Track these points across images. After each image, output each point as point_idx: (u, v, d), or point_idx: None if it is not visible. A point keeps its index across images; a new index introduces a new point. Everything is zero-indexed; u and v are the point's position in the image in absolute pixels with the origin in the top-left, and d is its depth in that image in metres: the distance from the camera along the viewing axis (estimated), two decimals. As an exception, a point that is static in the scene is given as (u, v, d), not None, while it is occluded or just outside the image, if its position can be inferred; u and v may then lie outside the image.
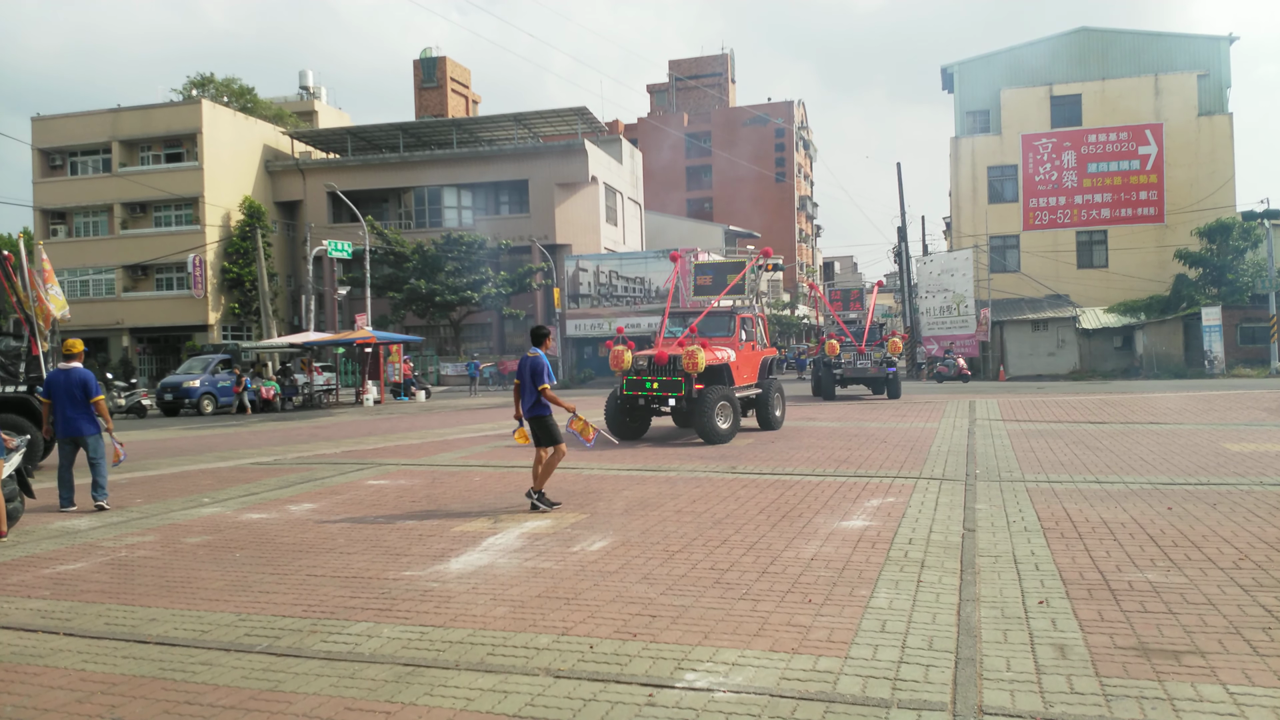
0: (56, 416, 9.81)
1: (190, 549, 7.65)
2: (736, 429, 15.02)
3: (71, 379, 9.76)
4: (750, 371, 16.49)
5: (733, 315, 16.62)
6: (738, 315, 16.57)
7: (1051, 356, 39.20)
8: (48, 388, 9.90)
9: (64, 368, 9.85)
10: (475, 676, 4.43)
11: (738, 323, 16.41)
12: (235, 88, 58.90)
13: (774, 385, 16.79)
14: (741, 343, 16.25)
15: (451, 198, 50.52)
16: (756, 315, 17.41)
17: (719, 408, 14.65)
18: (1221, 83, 42.48)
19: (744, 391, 16.06)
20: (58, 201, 49.26)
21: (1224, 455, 11.58)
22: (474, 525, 8.26)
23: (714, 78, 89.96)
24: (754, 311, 17.43)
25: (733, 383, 15.63)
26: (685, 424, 16.57)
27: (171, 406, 28.54)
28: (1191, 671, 4.23)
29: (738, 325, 16.36)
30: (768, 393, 16.48)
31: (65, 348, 10.03)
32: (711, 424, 14.53)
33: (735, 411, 14.96)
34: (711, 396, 14.61)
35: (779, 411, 16.84)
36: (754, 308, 17.90)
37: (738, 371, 15.89)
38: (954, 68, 45.96)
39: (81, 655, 4.95)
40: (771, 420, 16.56)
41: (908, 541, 7.10)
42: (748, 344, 16.49)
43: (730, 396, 14.92)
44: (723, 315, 16.78)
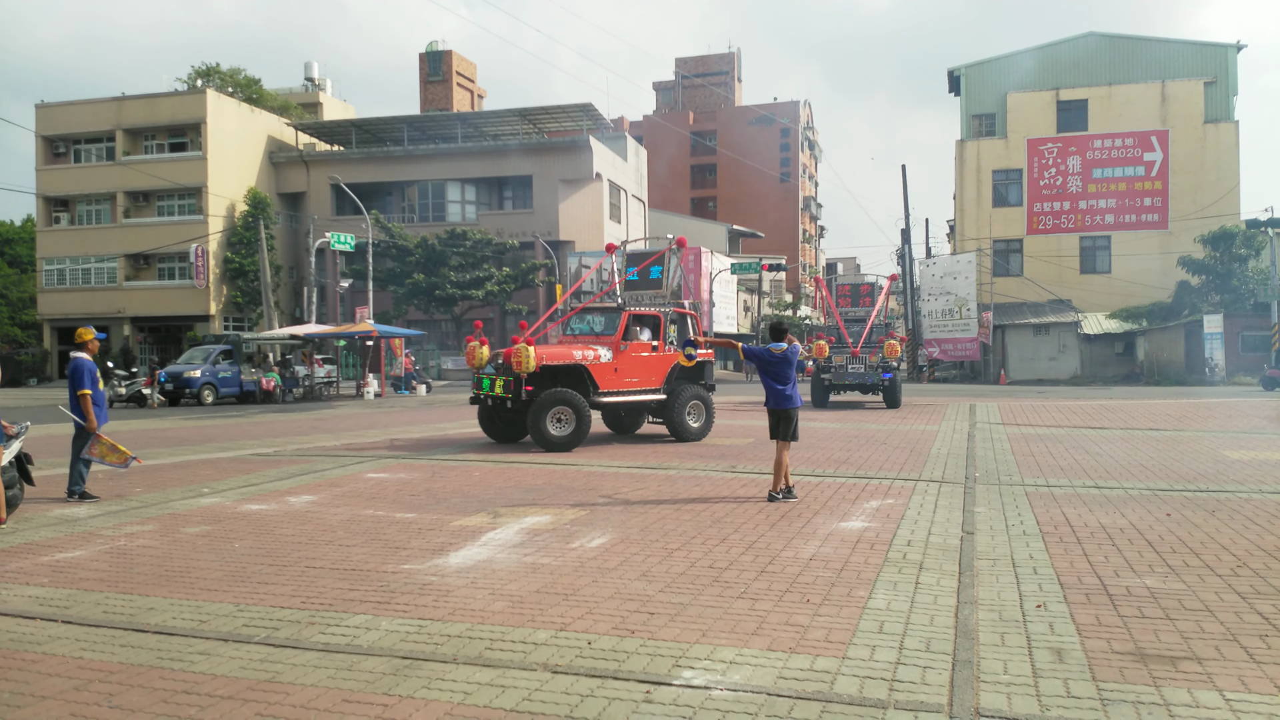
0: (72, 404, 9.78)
1: (189, 539, 7.66)
2: (580, 437, 13.80)
3: (69, 367, 9.78)
4: (646, 375, 14.92)
5: (618, 312, 15.14)
6: (625, 312, 14.99)
7: (1053, 361, 39.21)
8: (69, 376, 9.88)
9: (72, 356, 9.83)
10: (473, 670, 4.43)
11: (623, 321, 14.80)
12: (241, 78, 58.87)
13: (689, 392, 15.06)
14: (628, 342, 14.75)
15: (455, 192, 50.52)
16: (672, 312, 15.72)
17: (553, 412, 13.69)
18: (1228, 90, 42.45)
19: (628, 396, 14.79)
20: (61, 189, 49.28)
21: (1223, 462, 11.58)
22: (473, 520, 8.26)
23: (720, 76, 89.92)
24: (665, 308, 15.70)
25: (596, 386, 14.36)
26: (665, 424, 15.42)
27: (172, 396, 28.56)
28: (1188, 677, 4.23)
29: (623, 324, 14.77)
30: (675, 399, 14.92)
31: (75, 336, 9.97)
32: (541, 429, 13.64)
33: (578, 418, 13.73)
34: (545, 400, 13.65)
35: (696, 421, 15.13)
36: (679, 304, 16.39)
37: (613, 374, 14.56)
38: (960, 71, 45.92)
39: (79, 643, 4.96)
40: (684, 430, 14.92)
41: (906, 543, 7.11)
42: (639, 344, 14.92)
43: (572, 400, 13.74)
44: (611, 312, 15.40)
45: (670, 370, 15.13)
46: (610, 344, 14.76)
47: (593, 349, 14.63)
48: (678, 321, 15.99)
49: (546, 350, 14.40)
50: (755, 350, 9.64)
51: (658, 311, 15.44)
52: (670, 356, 15.22)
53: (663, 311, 15.45)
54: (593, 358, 14.51)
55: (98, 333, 10.14)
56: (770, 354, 9.38)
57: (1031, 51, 45.25)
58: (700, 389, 15.39)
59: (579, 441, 13.88)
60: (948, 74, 47.05)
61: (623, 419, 16.21)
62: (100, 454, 9.66)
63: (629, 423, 16.10)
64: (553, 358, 14.21)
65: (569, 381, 14.29)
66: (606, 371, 14.58)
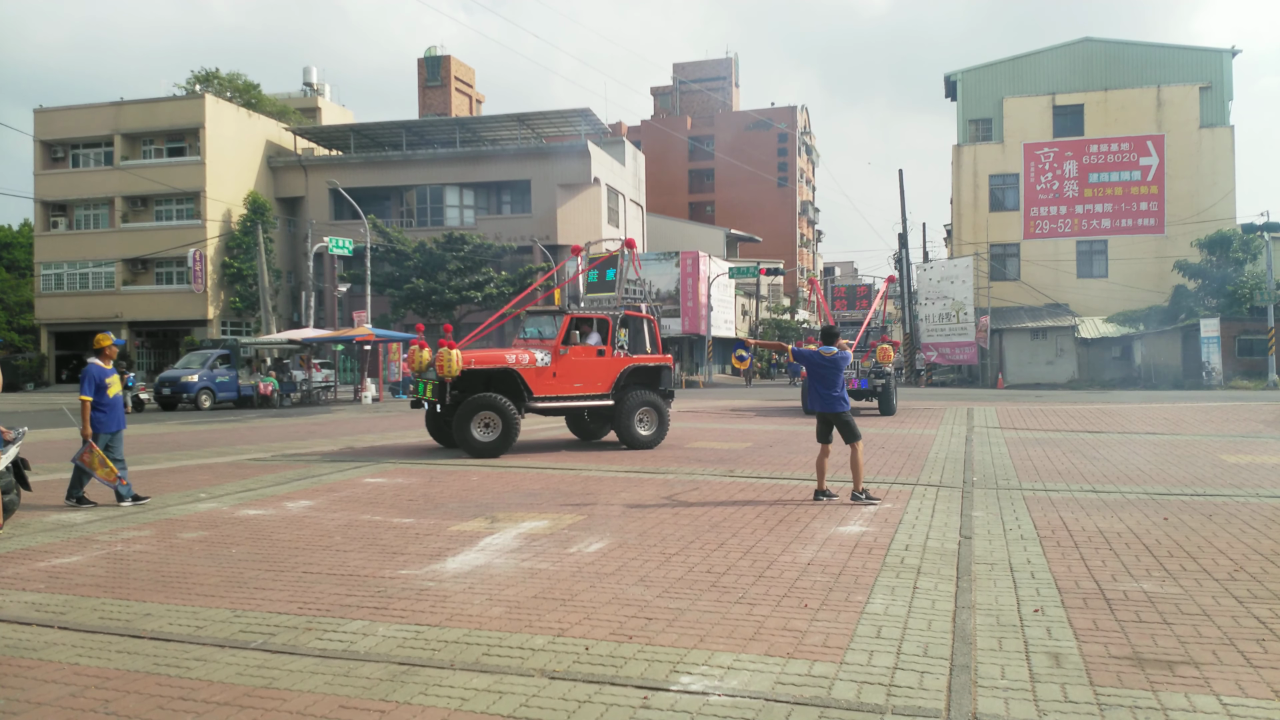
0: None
1: (186, 544, 7.65)
2: (507, 443, 13.60)
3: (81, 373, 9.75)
4: (591, 379, 14.59)
5: (559, 316, 14.94)
6: (566, 316, 14.73)
7: (1050, 365, 39.25)
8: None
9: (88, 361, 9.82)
10: (470, 676, 4.43)
11: (564, 325, 14.56)
12: (240, 83, 58.94)
13: (639, 398, 14.62)
14: (569, 346, 14.48)
15: (454, 196, 50.54)
16: (622, 316, 15.22)
17: (478, 417, 13.53)
18: (1223, 95, 42.55)
19: (569, 402, 14.56)
20: (59, 194, 49.27)
21: (1221, 466, 11.59)
22: (471, 525, 8.26)
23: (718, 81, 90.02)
24: (616, 312, 15.16)
25: (530, 391, 14.12)
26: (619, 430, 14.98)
27: (169, 401, 28.53)
28: (1185, 682, 4.23)
29: (563, 328, 14.52)
30: (623, 405, 14.55)
31: (94, 341, 9.93)
32: (465, 434, 13.49)
33: (504, 423, 13.54)
34: (470, 404, 13.50)
35: (647, 429, 14.68)
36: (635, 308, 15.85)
37: (551, 379, 14.30)
38: (957, 76, 46.00)
39: (76, 649, 4.95)
40: (631, 437, 14.51)
41: (904, 548, 7.11)
42: (582, 348, 14.62)
43: (497, 405, 13.52)
44: (557, 315, 15.14)
45: (619, 375, 14.73)
46: (549, 348, 14.49)
47: (529, 353, 14.40)
48: (630, 325, 15.52)
49: (476, 354, 14.24)
50: (806, 353, 9.62)
51: (605, 315, 15.05)
52: (620, 361, 14.82)
53: (611, 315, 15.02)
54: (527, 361, 14.24)
55: (115, 339, 10.10)
56: (821, 357, 9.37)
57: (1027, 57, 45.36)
58: (652, 395, 14.87)
59: (506, 447, 13.64)
60: (944, 79, 47.13)
61: (586, 424, 15.84)
62: (91, 464, 9.49)
63: (594, 428, 15.73)
64: (482, 361, 14.04)
65: (501, 386, 14.12)
66: (543, 376, 14.29)
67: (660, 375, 15.32)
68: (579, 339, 14.79)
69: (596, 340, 14.93)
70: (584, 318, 15.04)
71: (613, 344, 14.88)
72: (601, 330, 15.02)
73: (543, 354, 14.42)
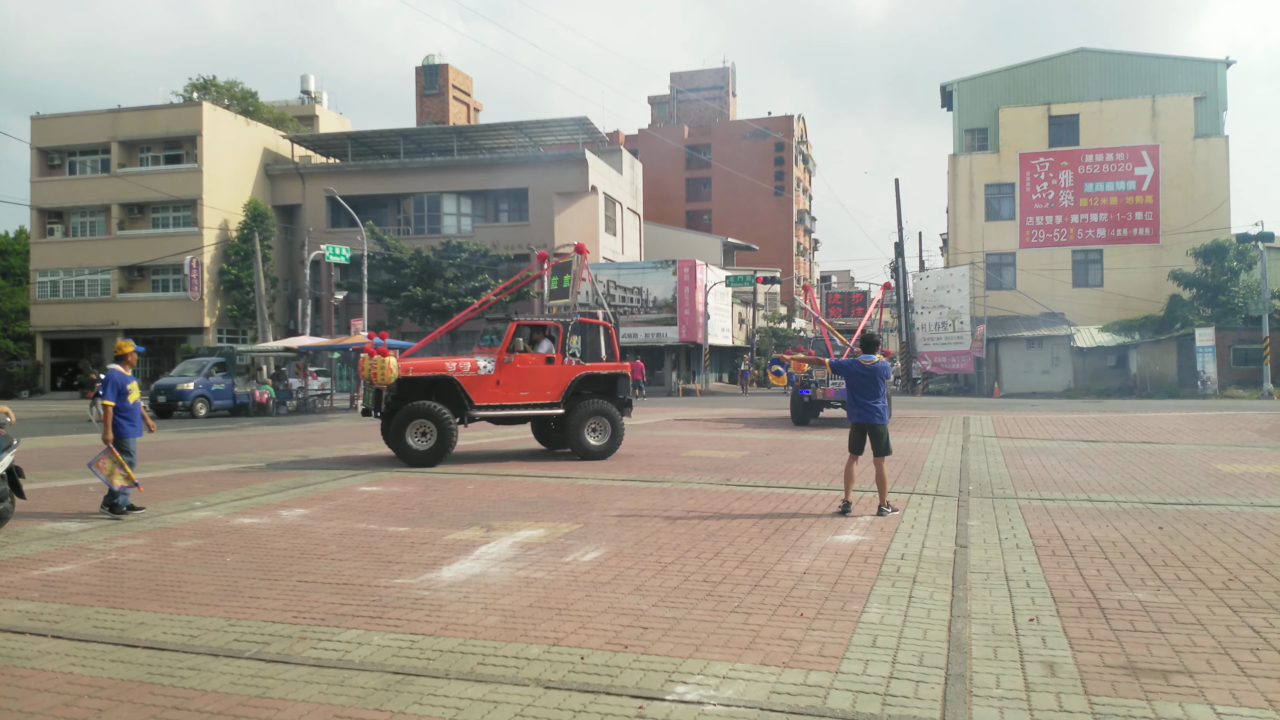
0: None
1: (181, 553, 7.63)
2: (443, 451, 13.47)
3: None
4: (539, 387, 14.34)
5: (505, 322, 14.75)
6: (512, 323, 14.52)
7: (1046, 374, 39.34)
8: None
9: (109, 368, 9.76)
10: (465, 686, 4.42)
11: (509, 332, 14.34)
12: (237, 91, 58.96)
13: (590, 407, 14.34)
14: (513, 353, 14.30)
15: (451, 205, 50.56)
16: (574, 323, 14.94)
17: (413, 425, 13.42)
18: (1218, 105, 42.77)
19: (515, 410, 14.38)
20: (55, 201, 49.23)
21: (1215, 476, 11.61)
22: (467, 534, 8.25)
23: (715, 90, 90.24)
24: (568, 319, 14.92)
25: (471, 400, 13.97)
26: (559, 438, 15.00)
27: (165, 409, 28.47)
28: (1180, 691, 4.24)
29: (507, 335, 14.31)
30: (572, 414, 14.30)
31: (115, 348, 9.89)
32: (400, 442, 13.42)
33: (440, 431, 13.42)
34: (405, 413, 13.42)
35: (597, 440, 14.37)
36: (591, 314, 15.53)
37: (495, 387, 14.10)
38: (953, 86, 46.20)
39: (69, 658, 4.93)
40: (581, 447, 14.26)
41: (900, 557, 7.11)
42: (528, 355, 14.45)
43: (432, 413, 13.39)
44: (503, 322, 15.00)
45: (570, 383, 14.45)
46: (494, 355, 14.35)
47: (471, 361, 14.27)
48: (584, 333, 15.17)
49: (414, 362, 14.18)
50: (845, 363, 9.51)
51: (555, 322, 14.86)
52: (570, 369, 14.54)
53: (561, 322, 14.79)
54: (468, 369, 14.08)
55: (136, 346, 10.08)
56: (861, 366, 9.28)
57: (1023, 67, 45.57)
58: (605, 404, 14.49)
59: (442, 456, 13.51)
60: (940, 89, 47.32)
61: (552, 433, 15.54)
62: (107, 471, 9.34)
63: (559, 438, 15.32)
64: (420, 369, 13.96)
65: (442, 394, 14.00)
66: (485, 384, 14.08)
67: (617, 384, 14.91)
68: (523, 346, 14.59)
69: (547, 348, 14.70)
70: (532, 325, 14.91)
71: (563, 352, 14.62)
72: (553, 338, 14.79)
73: (486, 362, 14.25)
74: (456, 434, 13.75)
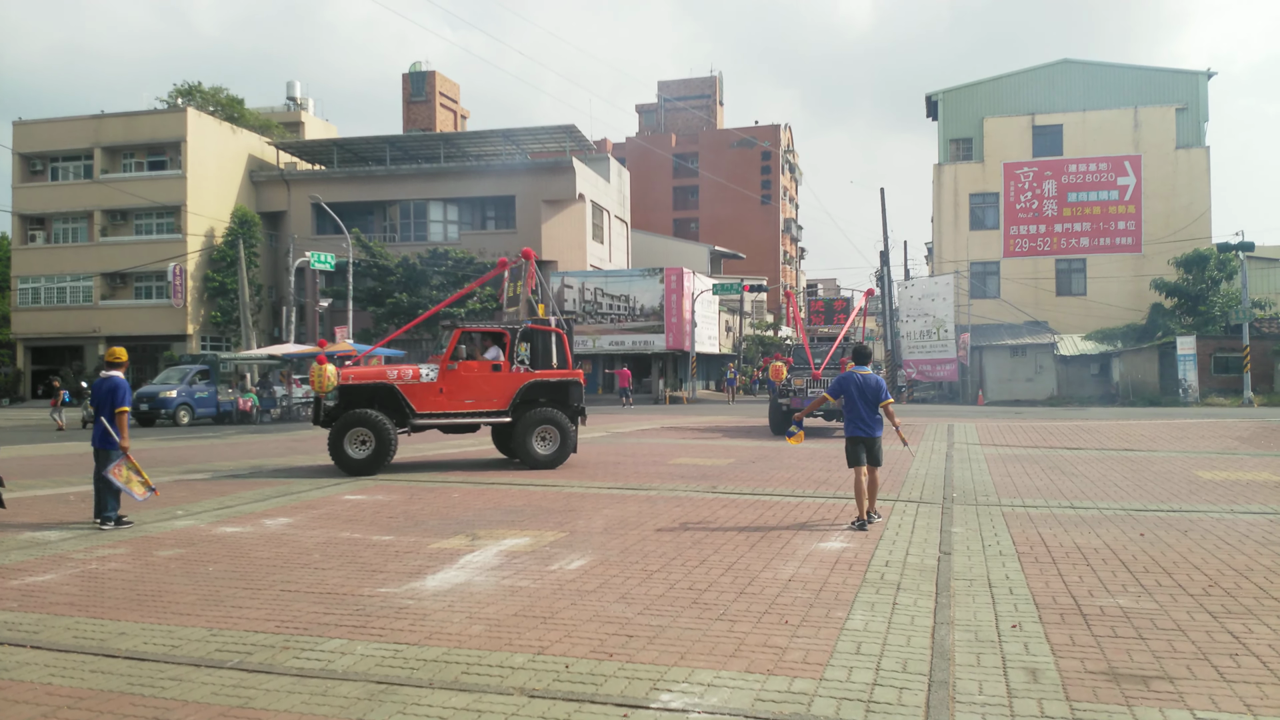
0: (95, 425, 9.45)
1: (162, 562, 7.58)
2: (381, 459, 13.40)
3: (103, 387, 9.37)
4: (485, 395, 14.16)
5: (450, 330, 14.66)
6: (456, 330, 14.45)
7: (1029, 382, 39.53)
8: (93, 396, 9.53)
9: (104, 376, 9.51)
10: (449, 695, 4.41)
11: (453, 339, 14.28)
12: (222, 97, 58.75)
13: (537, 415, 14.09)
14: (457, 361, 14.17)
15: (437, 212, 50.50)
16: (522, 329, 14.75)
17: (351, 433, 13.36)
18: (1199, 116, 43.19)
19: (460, 418, 14.20)
20: (37, 207, 48.91)
21: (1196, 483, 11.71)
22: (451, 542, 8.22)
23: (702, 99, 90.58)
24: (516, 325, 14.70)
25: (413, 408, 13.85)
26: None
27: (147, 417, 28.27)
28: (1160, 697, 4.27)
29: (451, 342, 14.24)
30: (520, 422, 14.08)
31: (109, 355, 9.68)
32: (338, 450, 13.32)
33: (378, 439, 13.35)
34: (343, 421, 13.39)
35: (545, 448, 14.11)
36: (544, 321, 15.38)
37: (438, 395, 13.98)
38: (938, 96, 46.49)
39: (49, 669, 4.89)
40: (529, 456, 14.02)
41: (884, 564, 7.13)
42: (473, 363, 14.29)
43: (371, 421, 13.35)
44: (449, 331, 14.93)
45: (518, 391, 14.22)
46: (440, 362, 14.24)
47: (414, 369, 14.23)
48: (535, 339, 14.97)
49: (355, 370, 14.13)
50: (845, 380, 9.05)
51: (502, 329, 14.68)
52: (518, 376, 14.33)
53: (509, 329, 14.60)
54: (410, 377, 13.99)
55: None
56: (858, 377, 8.97)
57: (1007, 77, 45.92)
58: (554, 412, 14.22)
59: (380, 465, 13.46)
60: (925, 99, 47.61)
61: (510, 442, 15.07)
62: (124, 478, 9.10)
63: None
64: (360, 377, 13.94)
65: (384, 402, 13.92)
66: (428, 392, 13.96)
67: (569, 391, 14.63)
68: (465, 353, 14.45)
69: (495, 355, 14.53)
70: (479, 332, 14.79)
71: (511, 359, 14.46)
72: (501, 344, 14.64)
73: (429, 369, 14.18)
74: (395, 443, 13.64)
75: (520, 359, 14.71)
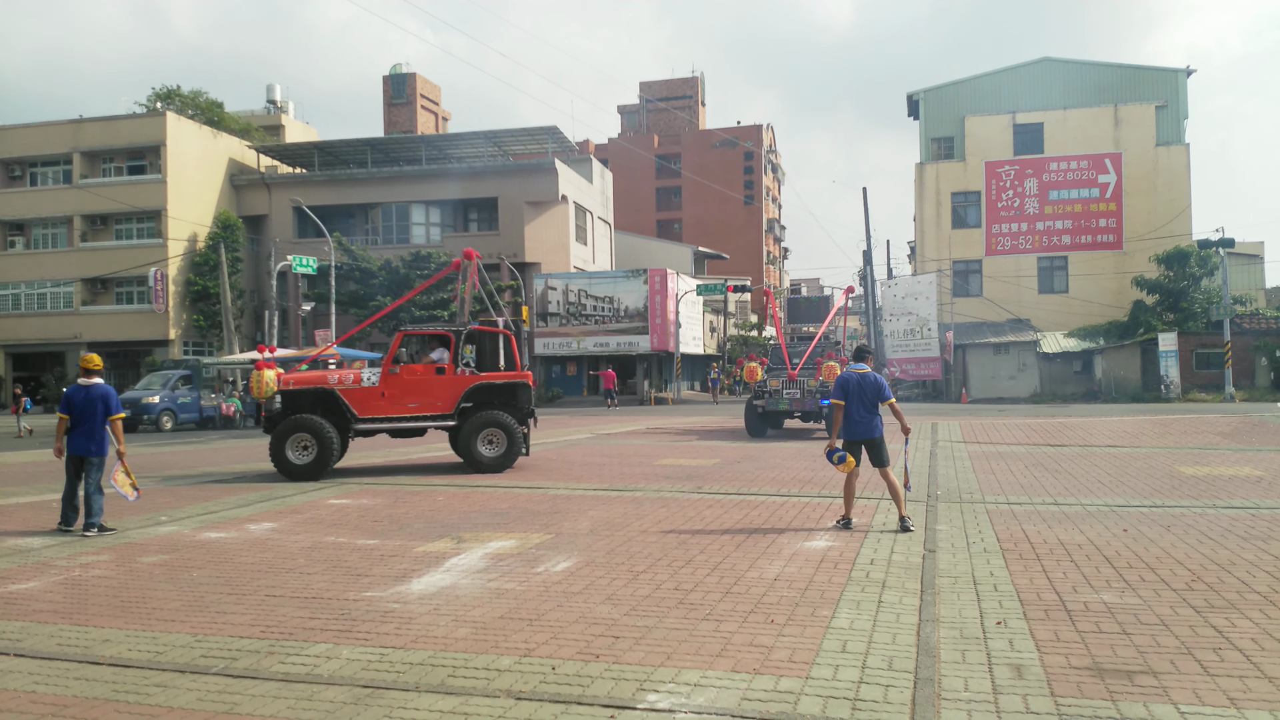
0: (74, 432, 9.36)
1: (146, 568, 7.53)
2: (323, 465, 13.38)
3: (91, 394, 9.34)
4: (429, 398, 14.01)
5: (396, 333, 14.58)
6: (399, 333, 14.43)
7: (1013, 379, 39.76)
8: (68, 403, 9.37)
9: (84, 383, 9.41)
10: (436, 698, 4.39)
11: (395, 342, 14.25)
12: (202, 101, 58.38)
13: (483, 418, 13.92)
14: (399, 364, 14.09)
15: (420, 214, 50.34)
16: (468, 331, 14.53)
17: (292, 439, 13.35)
18: (1179, 114, 43.56)
19: (403, 422, 14.07)
20: (16, 213, 48.44)
21: (1178, 478, 11.80)
22: (437, 546, 8.20)
23: (684, 100, 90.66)
24: (460, 328, 14.51)
25: (354, 413, 13.79)
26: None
27: (130, 423, 28.06)
28: (1144, 691, 4.30)
29: (393, 345, 14.20)
30: (464, 426, 13.94)
31: (84, 362, 9.59)
32: (279, 456, 13.35)
33: (319, 445, 13.33)
34: (284, 426, 13.38)
35: (491, 451, 13.95)
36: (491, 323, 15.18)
37: (380, 399, 13.88)
38: (919, 95, 46.71)
39: (32, 676, 4.85)
40: (474, 459, 13.88)
41: (869, 562, 7.16)
42: (416, 366, 14.23)
43: (311, 426, 13.32)
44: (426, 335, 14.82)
45: (463, 394, 14.06)
46: (380, 366, 14.16)
47: (355, 372, 14.11)
48: (481, 341, 14.84)
49: (296, 375, 14.08)
50: (844, 381, 8.93)
51: (446, 331, 14.58)
52: (463, 379, 14.15)
53: (453, 330, 14.46)
54: (351, 381, 13.92)
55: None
56: (856, 375, 8.88)
57: (988, 76, 46.19)
58: (499, 414, 14.01)
59: (323, 470, 13.42)
60: (907, 98, 47.83)
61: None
62: (121, 482, 9.45)
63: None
64: (301, 381, 13.90)
65: (327, 407, 13.84)
66: (370, 396, 13.87)
67: (517, 394, 14.43)
68: (406, 357, 14.31)
69: (440, 357, 14.41)
70: (423, 334, 14.66)
71: (455, 361, 14.31)
72: (445, 346, 14.49)
73: (371, 373, 14.08)
74: (337, 448, 13.55)
75: (465, 361, 14.57)
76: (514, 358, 15.00)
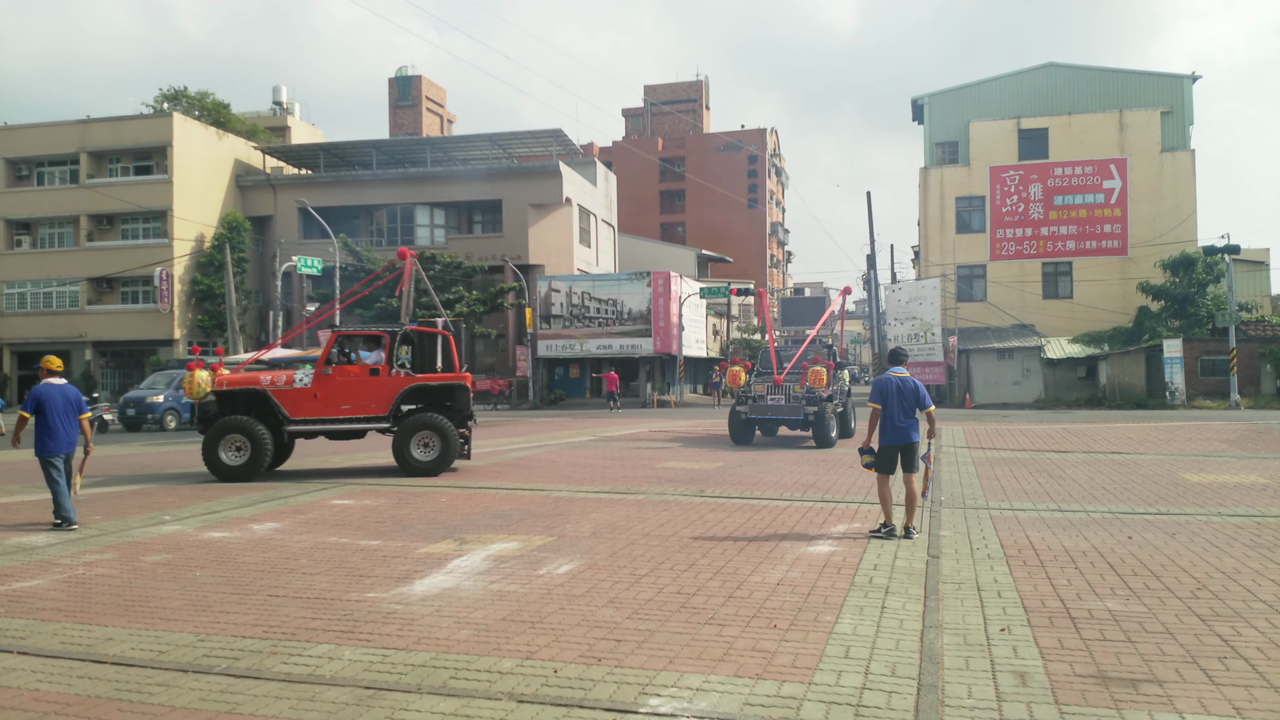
0: (55, 432, 9.48)
1: (149, 567, 7.53)
2: (257, 466, 13.36)
3: (68, 394, 9.65)
4: (362, 400, 13.87)
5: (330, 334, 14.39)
6: (332, 334, 14.31)
7: (1017, 385, 39.68)
8: (38, 402, 9.48)
9: (56, 383, 9.61)
10: (437, 700, 4.39)
11: (327, 343, 14.16)
12: (209, 102, 58.47)
13: (417, 420, 13.77)
14: (332, 366, 13.94)
15: (424, 216, 50.37)
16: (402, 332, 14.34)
17: (225, 440, 13.33)
18: (1184, 119, 43.48)
19: (336, 424, 13.98)
20: (23, 212, 48.55)
21: (1183, 485, 11.77)
22: (439, 547, 8.20)
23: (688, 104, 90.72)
24: (395, 328, 14.34)
25: (286, 414, 13.76)
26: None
27: (134, 422, 28.09)
28: (1149, 700, 4.28)
29: (326, 346, 14.12)
30: (399, 429, 13.81)
31: (46, 363, 9.74)
32: (211, 457, 13.34)
33: (253, 446, 13.31)
34: (217, 428, 13.35)
35: (425, 454, 13.77)
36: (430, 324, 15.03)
37: (312, 400, 13.78)
38: (924, 99, 46.68)
39: (35, 675, 4.85)
40: (409, 461, 13.71)
41: (872, 567, 7.14)
42: (350, 367, 14.05)
43: (244, 427, 13.31)
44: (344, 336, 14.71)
45: (398, 395, 13.92)
46: (313, 367, 14.09)
47: (287, 374, 14.10)
48: (417, 342, 14.66)
49: (229, 376, 14.08)
50: (884, 384, 8.62)
51: (380, 331, 14.44)
52: (397, 380, 13.99)
53: (387, 331, 14.29)
54: (283, 382, 13.86)
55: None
56: (894, 379, 8.62)
57: (993, 81, 46.15)
58: (434, 417, 13.80)
59: (255, 471, 13.36)
60: (911, 103, 47.80)
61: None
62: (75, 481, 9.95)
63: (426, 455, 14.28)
64: (234, 383, 13.88)
65: (261, 408, 13.82)
66: (302, 398, 13.78)
67: (454, 396, 14.26)
68: (338, 357, 14.24)
69: (375, 359, 14.31)
70: (358, 335, 14.65)
71: (390, 363, 14.15)
72: (380, 347, 14.39)
73: (304, 375, 13.99)
74: (270, 449, 13.51)
75: (400, 362, 14.47)
76: (452, 359, 14.82)
